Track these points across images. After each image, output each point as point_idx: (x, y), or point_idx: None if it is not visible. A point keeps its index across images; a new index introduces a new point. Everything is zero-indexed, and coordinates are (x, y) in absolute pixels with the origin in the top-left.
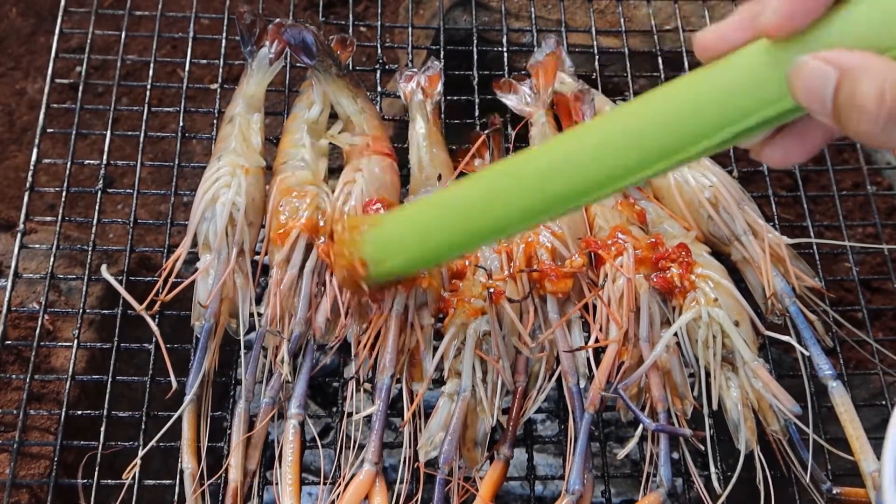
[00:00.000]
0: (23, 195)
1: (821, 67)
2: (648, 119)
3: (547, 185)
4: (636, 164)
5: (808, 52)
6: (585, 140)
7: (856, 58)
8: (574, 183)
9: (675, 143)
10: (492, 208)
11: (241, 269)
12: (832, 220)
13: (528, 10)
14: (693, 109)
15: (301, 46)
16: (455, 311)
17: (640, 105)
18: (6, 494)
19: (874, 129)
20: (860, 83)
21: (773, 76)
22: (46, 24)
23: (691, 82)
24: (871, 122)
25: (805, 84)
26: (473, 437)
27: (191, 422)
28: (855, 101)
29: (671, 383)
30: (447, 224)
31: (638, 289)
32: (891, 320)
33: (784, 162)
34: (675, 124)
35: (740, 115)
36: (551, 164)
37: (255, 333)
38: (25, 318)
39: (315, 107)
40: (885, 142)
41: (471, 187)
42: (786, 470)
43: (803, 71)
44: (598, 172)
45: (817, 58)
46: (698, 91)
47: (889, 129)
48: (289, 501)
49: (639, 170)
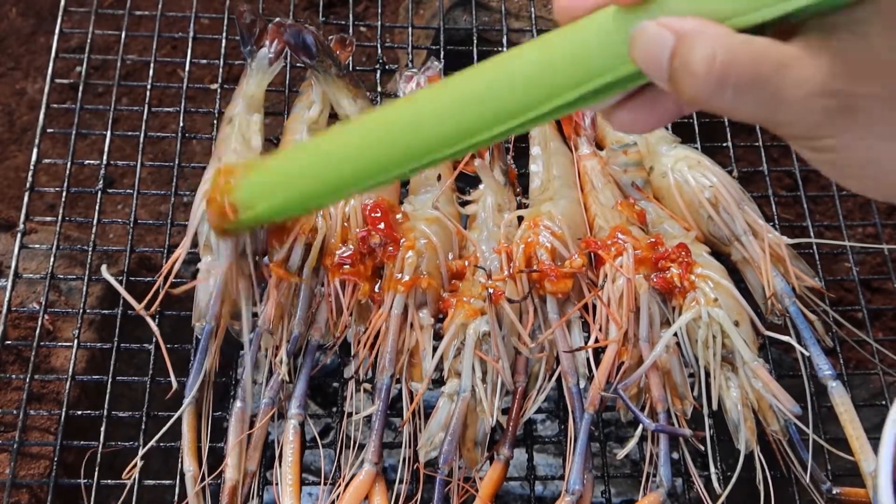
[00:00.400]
0: (23, 195)
1: (659, 32)
2: (504, 77)
3: (403, 137)
4: (490, 121)
5: (651, 17)
6: (445, 94)
7: (693, 23)
8: (430, 137)
9: (526, 102)
10: (349, 159)
11: (243, 271)
12: (832, 220)
13: (528, 10)
14: (543, 70)
15: (301, 46)
16: (455, 312)
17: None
18: (6, 494)
19: (703, 94)
20: (693, 48)
21: (619, 40)
22: (46, 24)
23: (543, 44)
24: (701, 86)
25: (644, 48)
26: (473, 437)
27: (191, 423)
28: (688, 66)
29: (671, 383)
30: (312, 172)
31: (638, 289)
32: (891, 320)
33: (632, 127)
34: (526, 83)
35: (586, 77)
36: (410, 117)
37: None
38: (25, 318)
39: (315, 107)
40: (716, 107)
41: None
42: (786, 470)
43: (643, 36)
44: (455, 128)
45: (656, 23)
46: (549, 52)
47: (718, 94)
48: (289, 501)
49: (491, 127)
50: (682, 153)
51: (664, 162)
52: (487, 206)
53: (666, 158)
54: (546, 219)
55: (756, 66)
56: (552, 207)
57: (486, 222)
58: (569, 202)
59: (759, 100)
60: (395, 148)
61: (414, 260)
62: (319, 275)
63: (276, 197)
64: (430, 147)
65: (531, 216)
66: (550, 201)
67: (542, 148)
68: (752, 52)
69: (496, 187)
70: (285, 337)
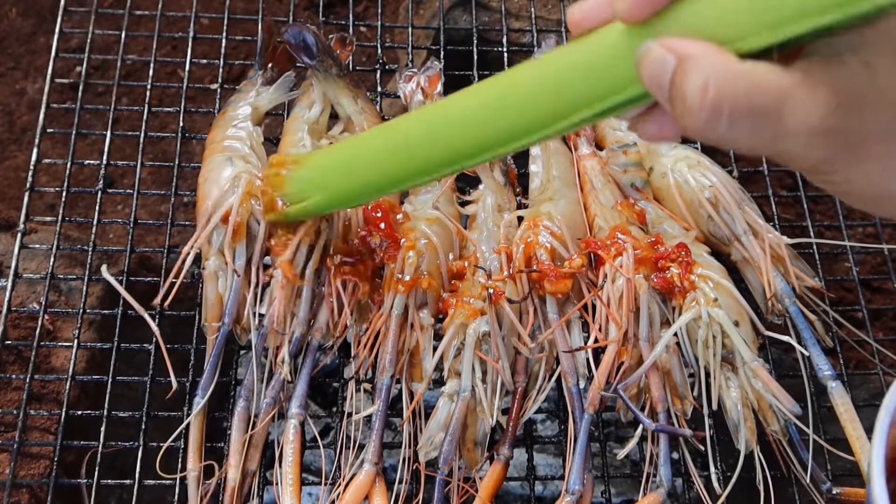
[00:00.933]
0: (23, 195)
1: (662, 54)
2: (518, 92)
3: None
4: (506, 135)
5: (657, 36)
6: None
7: (694, 47)
8: (466, 140)
9: (546, 117)
10: (396, 156)
11: (247, 277)
12: (832, 220)
13: (528, 10)
14: (556, 87)
15: (301, 46)
16: (455, 312)
17: (513, 76)
18: (6, 494)
19: (696, 123)
20: (689, 74)
21: (628, 58)
22: (46, 24)
23: (555, 59)
24: (694, 115)
25: (648, 69)
26: (473, 437)
27: (199, 426)
28: (682, 92)
29: (671, 383)
30: (361, 168)
31: (638, 289)
32: (891, 320)
33: (660, 137)
34: (540, 100)
35: (597, 96)
36: (448, 119)
37: (254, 334)
38: (25, 318)
39: (315, 107)
40: (708, 137)
41: (385, 131)
42: (786, 470)
43: (647, 56)
44: (483, 135)
45: (660, 44)
46: (561, 69)
47: (712, 124)
48: (289, 501)
49: (509, 141)
50: (682, 153)
51: (664, 162)
52: (487, 206)
53: (666, 158)
54: (546, 219)
55: (753, 98)
56: (552, 207)
57: (486, 222)
58: (568, 202)
59: (758, 132)
60: (439, 149)
61: (414, 260)
62: (321, 276)
63: (326, 191)
64: (467, 151)
65: (531, 216)
66: (550, 201)
67: (542, 148)
68: (750, 81)
69: (496, 187)
70: (287, 337)
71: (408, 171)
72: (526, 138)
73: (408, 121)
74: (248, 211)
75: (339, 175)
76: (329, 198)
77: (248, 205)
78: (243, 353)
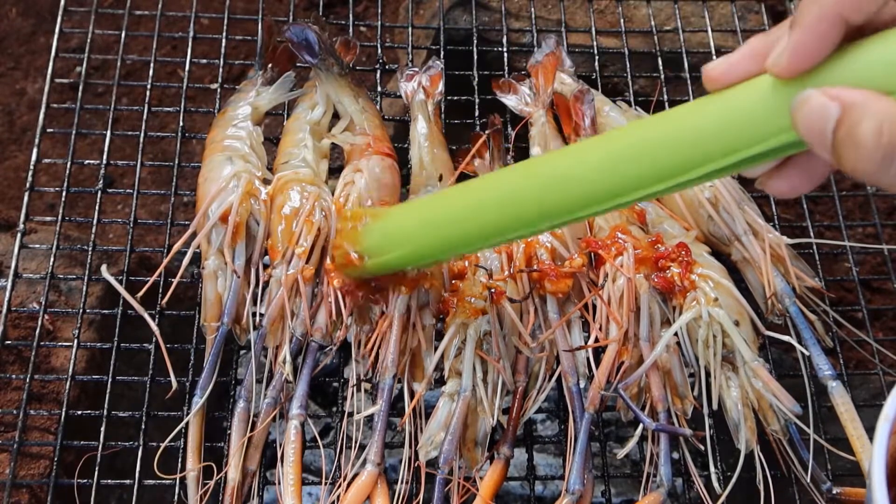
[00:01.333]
0: (23, 195)
1: (824, 102)
2: (654, 140)
3: (548, 194)
4: (635, 183)
5: (813, 86)
6: (591, 154)
7: (859, 95)
8: (575, 196)
9: (676, 167)
10: (492, 213)
11: (247, 277)
12: (832, 220)
13: (528, 10)
14: (696, 136)
15: (304, 45)
16: (456, 311)
17: (647, 125)
18: (6, 494)
19: (870, 167)
20: (861, 120)
21: (778, 108)
22: (46, 24)
23: (697, 108)
24: (867, 159)
25: (807, 118)
26: (474, 436)
27: (198, 425)
28: (854, 137)
29: (671, 383)
30: (447, 224)
31: (638, 288)
32: (891, 320)
33: (791, 193)
34: (678, 148)
35: (743, 144)
36: (555, 174)
37: (254, 333)
38: (25, 318)
39: (318, 108)
40: (880, 180)
41: (474, 190)
42: (786, 470)
43: (807, 105)
44: (599, 188)
45: (821, 93)
46: (703, 117)
47: (885, 168)
48: (290, 501)
49: (637, 189)
50: None
51: None
52: None
53: None
54: None
55: None
56: None
57: None
58: None
59: None
60: (534, 206)
61: None
62: (320, 275)
63: (408, 246)
64: (575, 205)
65: None
66: None
67: (542, 148)
68: None
69: None
70: (287, 337)
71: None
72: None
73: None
74: (247, 210)
75: (425, 230)
76: (412, 253)
77: (247, 204)
78: (243, 352)
